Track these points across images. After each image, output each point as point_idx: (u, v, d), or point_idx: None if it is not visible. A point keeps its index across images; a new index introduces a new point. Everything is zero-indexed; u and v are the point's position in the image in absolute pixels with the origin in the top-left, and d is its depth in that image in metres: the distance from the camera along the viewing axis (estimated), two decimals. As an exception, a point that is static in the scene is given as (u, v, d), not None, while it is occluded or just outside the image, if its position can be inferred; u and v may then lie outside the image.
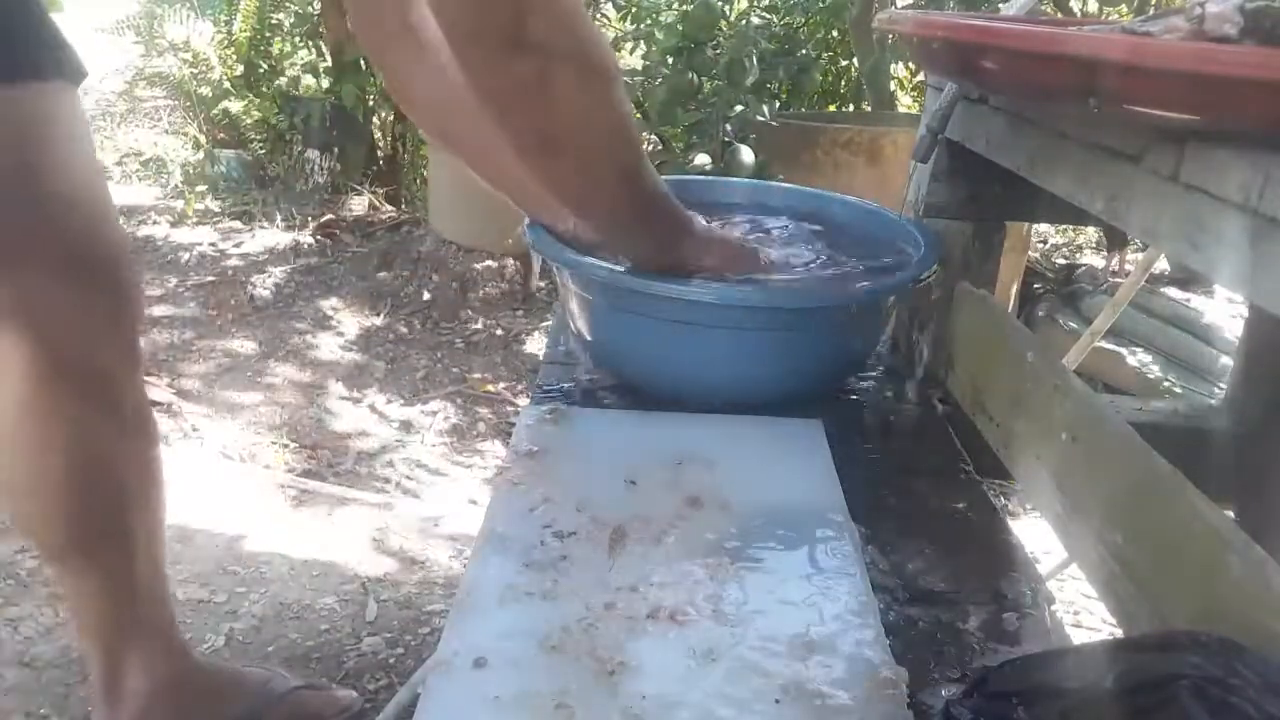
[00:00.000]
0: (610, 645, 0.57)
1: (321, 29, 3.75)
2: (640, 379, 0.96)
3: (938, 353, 1.03)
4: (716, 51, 2.73)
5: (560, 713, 0.52)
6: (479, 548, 0.67)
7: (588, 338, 0.97)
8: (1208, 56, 0.49)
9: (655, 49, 2.93)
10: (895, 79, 3.46)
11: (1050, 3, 2.82)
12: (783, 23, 3.36)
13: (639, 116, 2.82)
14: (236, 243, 3.16)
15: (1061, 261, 3.24)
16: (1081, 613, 1.60)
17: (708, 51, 2.71)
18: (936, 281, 0.99)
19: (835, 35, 3.55)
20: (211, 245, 3.13)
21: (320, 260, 3.08)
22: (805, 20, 3.46)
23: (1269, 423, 1.00)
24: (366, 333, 2.71)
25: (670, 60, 2.80)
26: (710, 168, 2.53)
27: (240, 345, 2.58)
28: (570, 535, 0.69)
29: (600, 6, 3.47)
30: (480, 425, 2.30)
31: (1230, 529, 0.55)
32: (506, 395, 2.43)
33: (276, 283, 2.92)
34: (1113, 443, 0.67)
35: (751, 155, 2.53)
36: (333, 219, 3.33)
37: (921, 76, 3.14)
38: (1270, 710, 0.40)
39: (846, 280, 0.94)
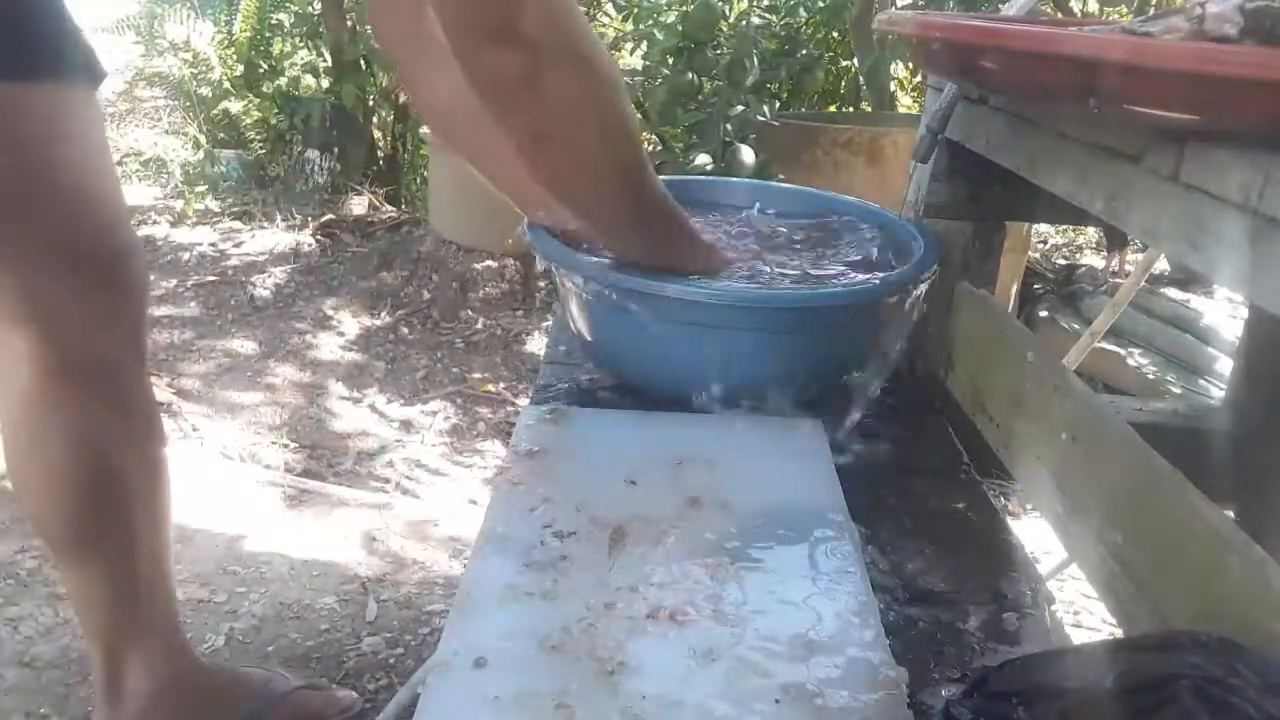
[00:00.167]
0: (610, 645, 0.57)
1: (321, 29, 3.75)
2: (640, 379, 0.96)
3: (938, 353, 1.03)
4: (717, 52, 2.73)
5: (560, 713, 0.52)
6: (479, 548, 0.67)
7: (588, 338, 0.97)
8: (1208, 56, 0.49)
9: (655, 49, 2.93)
10: (895, 79, 3.46)
11: (1050, 3, 2.82)
12: (783, 23, 3.36)
13: (639, 116, 2.82)
14: (236, 243, 3.16)
15: (1061, 261, 3.24)
16: (1081, 613, 1.60)
17: (708, 52, 2.72)
18: (936, 281, 0.99)
19: (835, 35, 3.55)
20: (211, 245, 3.13)
21: (320, 260, 3.08)
22: (806, 20, 3.46)
23: (1269, 423, 1.00)
24: (366, 333, 2.71)
25: (670, 60, 2.80)
26: (710, 168, 2.53)
27: (240, 345, 2.58)
28: (570, 535, 0.68)
29: (601, 6, 3.48)
30: (480, 425, 2.30)
31: (1230, 529, 0.55)
32: (506, 395, 2.43)
33: (276, 283, 2.92)
34: (1113, 443, 0.67)
35: (752, 155, 2.53)
36: (333, 219, 3.33)
37: (921, 76, 3.14)
38: (1270, 710, 0.40)
39: (845, 280, 0.94)
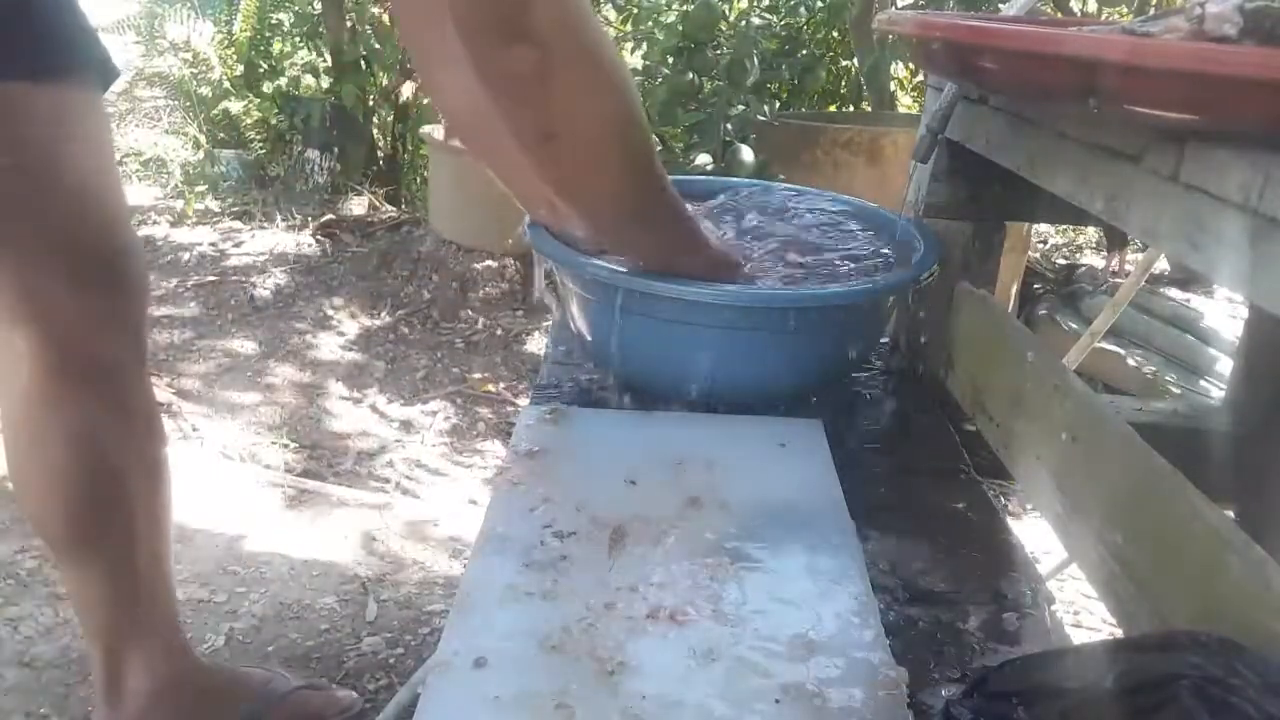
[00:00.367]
0: (610, 645, 0.57)
1: (321, 29, 3.75)
2: (640, 379, 0.96)
3: (938, 353, 1.03)
4: (717, 52, 2.74)
5: (560, 713, 0.52)
6: (479, 548, 0.67)
7: (588, 338, 0.97)
8: (1208, 56, 0.49)
9: (656, 49, 2.94)
10: (895, 79, 3.46)
11: (1050, 3, 2.82)
12: (783, 23, 3.36)
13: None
14: (236, 243, 3.16)
15: (1061, 261, 3.24)
16: (1081, 613, 1.60)
17: (708, 52, 2.72)
18: (936, 282, 0.99)
19: (835, 35, 3.55)
20: (211, 245, 3.13)
21: (320, 260, 3.08)
22: (807, 20, 3.46)
23: (1269, 423, 1.00)
24: (366, 333, 2.71)
25: (670, 60, 2.80)
26: (711, 168, 2.54)
27: (240, 345, 2.58)
28: (570, 535, 0.68)
29: (600, 7, 3.47)
30: (480, 425, 2.30)
31: (1230, 529, 0.55)
32: (506, 395, 2.43)
33: (276, 283, 2.92)
34: (1113, 443, 0.67)
35: (752, 155, 2.53)
36: (333, 219, 3.33)
37: (921, 76, 3.14)
38: (1270, 710, 0.40)
39: (845, 281, 0.94)
